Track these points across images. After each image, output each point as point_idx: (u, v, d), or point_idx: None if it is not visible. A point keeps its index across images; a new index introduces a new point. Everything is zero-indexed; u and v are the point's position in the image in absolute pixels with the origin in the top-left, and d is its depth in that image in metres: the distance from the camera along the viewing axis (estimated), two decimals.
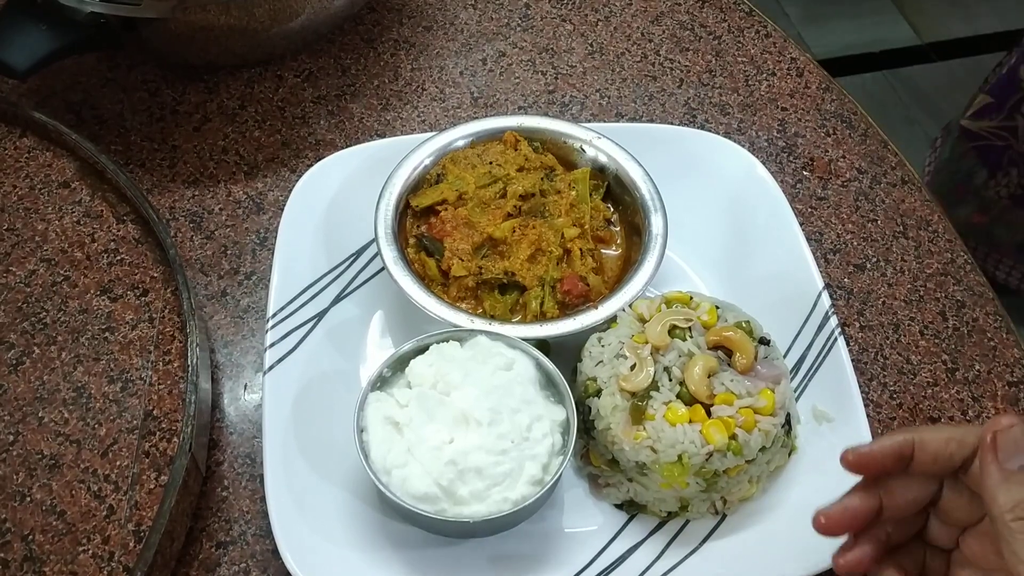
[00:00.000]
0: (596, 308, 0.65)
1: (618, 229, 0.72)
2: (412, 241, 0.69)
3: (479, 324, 0.63)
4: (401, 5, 0.93)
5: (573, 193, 0.70)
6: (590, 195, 0.71)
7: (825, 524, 0.50)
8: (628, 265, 0.69)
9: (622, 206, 0.72)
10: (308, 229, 0.72)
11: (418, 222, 0.70)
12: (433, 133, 0.73)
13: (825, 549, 0.59)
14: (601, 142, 0.73)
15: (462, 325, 0.63)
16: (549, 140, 0.73)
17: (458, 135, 0.73)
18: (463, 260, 0.67)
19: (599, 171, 0.73)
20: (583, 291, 0.66)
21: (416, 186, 0.71)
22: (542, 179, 0.70)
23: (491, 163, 0.71)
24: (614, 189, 0.72)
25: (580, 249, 0.68)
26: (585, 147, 0.73)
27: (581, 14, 0.94)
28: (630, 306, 0.64)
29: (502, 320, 0.65)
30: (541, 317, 0.66)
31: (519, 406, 0.59)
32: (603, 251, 0.71)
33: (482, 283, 0.67)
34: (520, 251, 0.67)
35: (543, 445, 0.58)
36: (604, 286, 0.68)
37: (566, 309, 0.66)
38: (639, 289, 0.65)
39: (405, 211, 0.70)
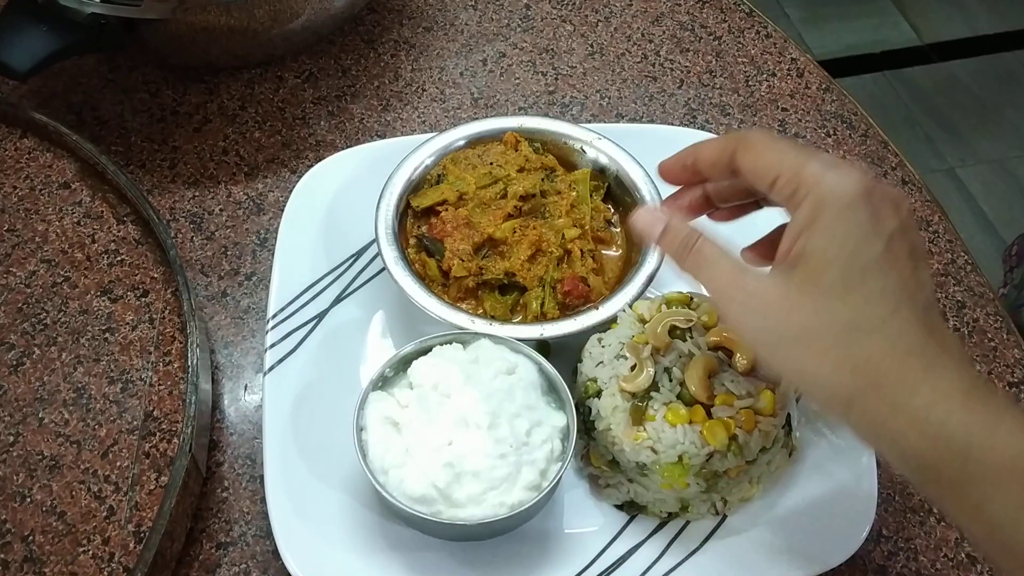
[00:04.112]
0: (597, 309, 0.65)
1: (618, 230, 0.72)
2: (413, 241, 0.69)
3: (479, 324, 0.63)
4: (401, 6, 0.93)
5: (574, 194, 0.70)
6: (591, 196, 0.71)
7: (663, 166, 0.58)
8: (629, 266, 0.69)
9: (623, 207, 0.72)
10: (308, 230, 0.72)
11: (419, 222, 0.70)
12: (433, 134, 0.73)
13: (826, 550, 0.60)
14: (602, 143, 0.73)
15: (462, 325, 0.63)
16: (550, 141, 0.73)
17: (458, 136, 0.73)
18: (463, 260, 0.67)
19: (600, 172, 0.73)
20: (583, 292, 0.66)
21: (417, 186, 0.71)
22: (543, 180, 0.70)
23: (492, 164, 0.71)
24: (615, 190, 0.72)
25: (580, 250, 0.68)
26: (586, 148, 0.73)
27: (581, 15, 0.94)
28: (630, 307, 0.64)
29: (502, 320, 0.65)
30: (541, 318, 0.66)
31: (519, 411, 0.58)
32: (604, 252, 0.71)
33: (482, 283, 0.67)
34: (520, 252, 0.67)
35: (542, 451, 0.58)
36: (605, 287, 0.68)
37: (566, 310, 0.66)
38: (639, 290, 0.65)
39: (406, 211, 0.70)
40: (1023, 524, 0.43)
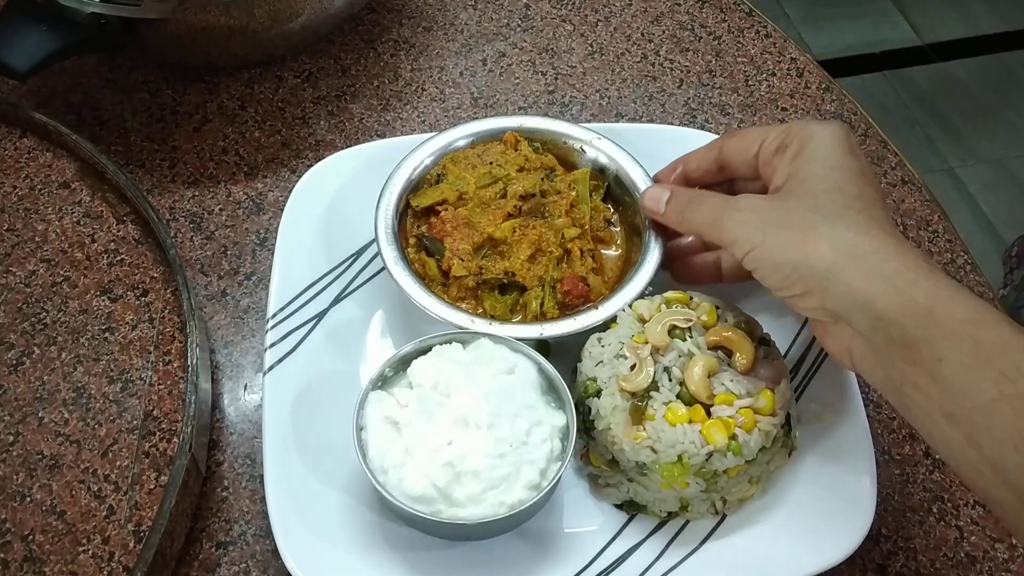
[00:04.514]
0: (596, 308, 0.65)
1: (618, 230, 0.72)
2: (412, 241, 0.69)
3: (479, 324, 0.63)
4: (401, 5, 0.93)
5: (573, 194, 0.70)
6: (590, 195, 0.71)
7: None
8: (628, 266, 0.69)
9: (622, 207, 0.72)
10: (308, 229, 0.72)
11: (418, 222, 0.70)
12: (433, 133, 0.73)
13: (825, 549, 0.60)
14: (601, 143, 0.73)
15: (462, 325, 0.63)
16: (549, 140, 0.73)
17: (458, 135, 0.73)
18: (463, 260, 0.67)
19: (599, 172, 0.73)
20: (583, 291, 0.66)
21: (416, 186, 0.71)
22: (542, 179, 0.70)
23: (491, 163, 0.71)
24: (614, 190, 0.72)
25: (580, 249, 0.68)
26: (585, 148, 0.73)
27: (581, 14, 0.94)
28: (630, 306, 0.64)
29: (502, 320, 0.65)
30: (541, 317, 0.66)
31: (519, 410, 0.58)
32: (603, 251, 0.71)
33: (482, 283, 0.67)
34: (520, 251, 0.67)
35: (541, 450, 0.58)
36: (604, 286, 0.68)
37: (566, 309, 0.66)
38: (639, 290, 0.65)
39: (406, 211, 0.70)
40: (968, 384, 0.48)
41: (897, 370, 0.51)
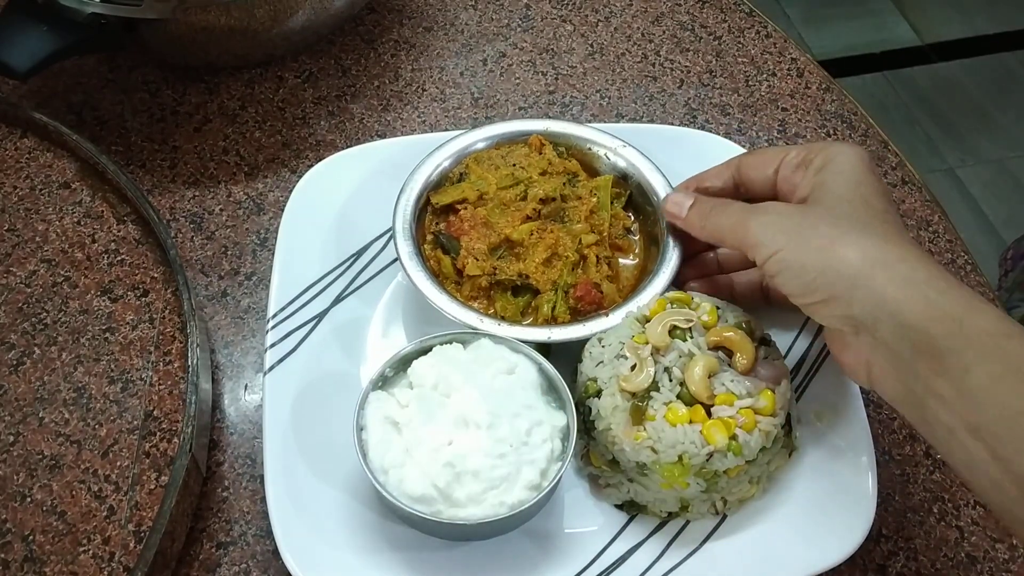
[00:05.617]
0: (607, 316, 0.65)
1: (637, 238, 0.72)
2: (430, 238, 0.69)
3: (488, 324, 0.63)
4: (401, 6, 0.93)
5: (594, 200, 0.70)
6: (611, 203, 0.70)
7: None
8: (644, 275, 0.68)
9: (643, 216, 0.72)
10: (308, 230, 0.72)
11: (437, 219, 0.70)
12: (459, 132, 0.73)
13: (826, 550, 0.60)
14: (626, 151, 0.72)
15: (471, 324, 0.63)
16: (574, 146, 0.73)
17: (483, 136, 0.72)
18: (478, 260, 0.67)
19: (622, 179, 0.72)
20: (596, 298, 0.66)
21: (439, 183, 0.70)
22: (564, 184, 0.70)
23: (515, 165, 0.71)
24: (636, 198, 0.72)
25: (596, 256, 0.68)
26: (609, 155, 0.72)
27: (581, 15, 0.94)
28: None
29: (511, 322, 0.65)
30: (551, 321, 0.66)
31: (519, 410, 0.58)
32: (621, 260, 0.70)
33: (495, 284, 0.67)
34: (536, 254, 0.67)
35: (542, 450, 0.58)
36: (618, 294, 0.67)
37: (578, 315, 0.66)
38: (650, 300, 0.65)
39: (425, 208, 0.70)
40: (996, 396, 0.48)
41: (921, 382, 0.50)
